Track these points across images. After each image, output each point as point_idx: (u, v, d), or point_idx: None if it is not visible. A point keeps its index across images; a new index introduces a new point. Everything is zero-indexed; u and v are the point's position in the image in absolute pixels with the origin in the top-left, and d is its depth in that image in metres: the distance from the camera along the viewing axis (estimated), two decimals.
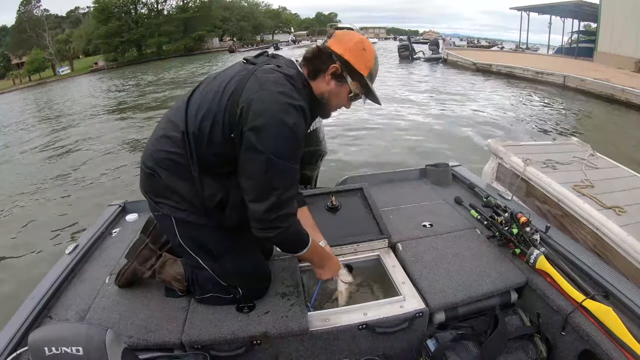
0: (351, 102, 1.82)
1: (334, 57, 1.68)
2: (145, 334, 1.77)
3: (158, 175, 1.71)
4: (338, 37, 1.72)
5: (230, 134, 1.59)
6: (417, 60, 27.00)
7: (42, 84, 39.29)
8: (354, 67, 1.68)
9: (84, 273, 2.26)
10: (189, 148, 1.65)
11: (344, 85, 1.73)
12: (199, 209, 1.74)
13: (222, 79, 1.69)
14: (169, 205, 1.75)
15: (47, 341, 1.12)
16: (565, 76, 14.78)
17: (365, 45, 1.71)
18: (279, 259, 2.23)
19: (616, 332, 1.57)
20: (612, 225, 2.47)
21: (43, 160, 10.05)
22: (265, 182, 1.57)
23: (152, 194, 1.78)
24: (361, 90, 1.76)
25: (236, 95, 1.57)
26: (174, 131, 1.68)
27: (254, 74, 1.61)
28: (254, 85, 1.57)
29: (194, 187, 1.70)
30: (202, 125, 1.62)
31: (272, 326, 1.79)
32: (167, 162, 1.70)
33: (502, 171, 3.57)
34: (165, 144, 1.70)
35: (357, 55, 1.68)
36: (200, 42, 61.06)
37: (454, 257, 2.19)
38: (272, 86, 1.57)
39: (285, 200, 1.61)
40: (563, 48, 27.66)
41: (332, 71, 1.69)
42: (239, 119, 1.55)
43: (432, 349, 1.83)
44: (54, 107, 20.51)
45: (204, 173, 1.69)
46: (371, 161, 7.54)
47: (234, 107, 1.56)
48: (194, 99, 1.71)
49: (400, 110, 11.96)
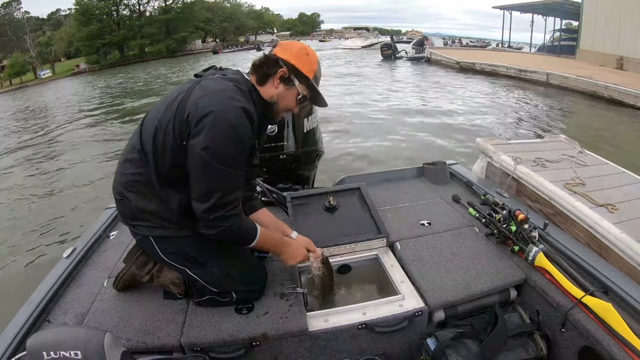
0: (299, 105, 1.90)
1: (280, 62, 1.78)
2: (144, 337, 1.76)
3: (127, 200, 1.77)
4: (283, 46, 1.85)
5: (182, 142, 1.63)
6: (400, 59, 27.08)
7: (23, 88, 38.62)
8: (299, 70, 1.79)
9: (82, 277, 2.24)
10: (147, 164, 1.70)
11: (292, 88, 1.83)
12: (171, 223, 1.77)
13: (171, 94, 1.77)
14: (145, 225, 1.79)
15: (45, 345, 1.10)
16: (549, 74, 14.96)
17: (309, 51, 1.84)
18: (277, 260, 2.20)
19: (616, 328, 1.58)
20: (606, 223, 2.49)
21: (34, 164, 9.91)
22: (206, 184, 1.64)
23: (128, 219, 1.83)
24: (308, 92, 1.87)
25: (183, 103, 1.64)
26: (133, 153, 1.74)
27: (199, 84, 1.70)
28: (199, 92, 1.65)
29: (159, 202, 1.74)
30: (155, 138, 1.68)
31: (271, 327, 1.78)
32: (132, 184, 1.75)
33: (491, 170, 3.57)
34: (129, 167, 1.76)
35: (302, 59, 1.80)
36: (183, 43, 60.44)
37: (453, 255, 2.19)
38: (216, 90, 1.64)
39: (225, 203, 1.66)
40: (545, 46, 28.04)
41: (280, 75, 1.78)
42: (186, 124, 1.60)
43: (432, 347, 1.82)
44: (36, 111, 20.18)
45: (167, 186, 1.73)
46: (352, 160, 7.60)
47: (182, 115, 1.62)
48: (147, 119, 1.78)
49: (380, 110, 12.09)
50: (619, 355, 1.52)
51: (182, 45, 60.46)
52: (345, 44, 48.73)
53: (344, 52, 39.19)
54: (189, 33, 60.93)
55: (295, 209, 2.60)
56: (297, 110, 1.94)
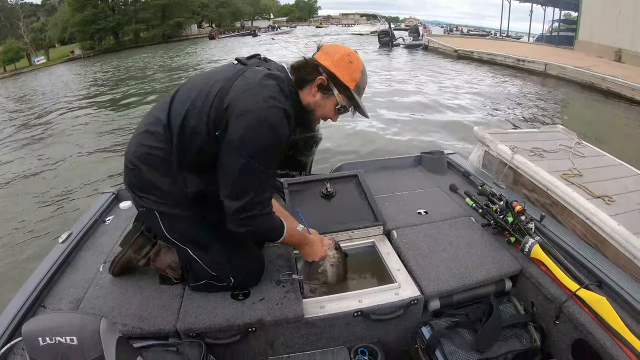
0: (338, 114, 1.82)
1: (320, 69, 1.69)
2: (139, 322, 1.75)
3: (140, 170, 1.71)
4: (325, 50, 1.75)
5: (215, 132, 1.59)
6: (397, 46, 26.96)
7: (17, 75, 38.12)
8: (340, 79, 1.69)
9: (78, 262, 2.23)
10: (170, 143, 1.65)
11: (330, 98, 1.74)
12: (181, 203, 1.74)
13: (210, 76, 1.70)
14: (152, 200, 1.74)
15: (40, 331, 1.09)
16: (547, 64, 14.94)
17: (352, 59, 1.72)
18: (273, 246, 2.20)
19: (610, 322, 1.58)
20: (603, 215, 2.49)
21: (28, 150, 9.82)
22: (240, 184, 1.59)
23: (135, 189, 1.77)
24: (348, 103, 1.77)
25: (223, 93, 1.58)
26: (157, 126, 1.68)
27: (243, 74, 1.63)
28: (241, 84, 1.59)
29: (174, 182, 1.70)
30: (185, 120, 1.62)
31: (267, 313, 1.78)
32: (148, 157, 1.69)
33: (488, 159, 3.57)
34: (147, 139, 1.70)
35: (343, 68, 1.69)
36: (178, 29, 59.82)
37: (449, 244, 2.19)
38: (259, 86, 1.58)
39: (257, 202, 1.63)
40: (544, 36, 27.90)
41: (319, 82, 1.70)
42: (224, 116, 1.56)
43: (427, 336, 1.84)
44: (32, 97, 19.95)
45: (185, 168, 1.69)
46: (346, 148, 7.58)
47: (221, 105, 1.57)
48: (180, 95, 1.71)
49: (377, 96, 12.02)
50: (612, 349, 1.53)
51: (177, 31, 59.89)
52: (354, 29, 49.68)
53: (349, 37, 39.11)
54: (185, 18, 60.37)
55: (292, 195, 2.59)
56: (336, 120, 1.86)
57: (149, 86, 18.26)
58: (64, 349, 1.09)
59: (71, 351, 1.10)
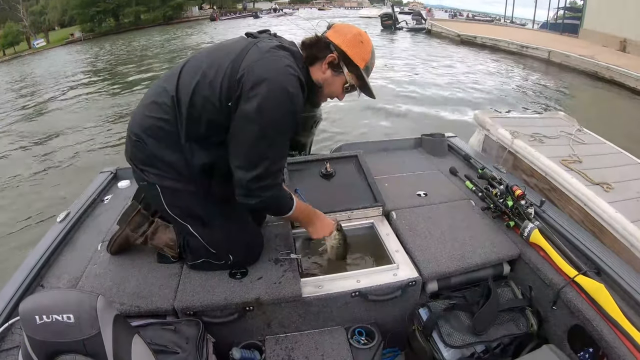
0: (345, 93, 1.83)
1: (331, 47, 1.70)
2: (137, 301, 1.75)
3: (144, 143, 1.68)
4: (337, 29, 1.75)
5: (228, 102, 1.57)
6: (400, 30, 26.74)
7: (17, 58, 37.72)
8: (350, 58, 1.70)
9: (76, 241, 2.22)
10: (178, 114, 1.63)
11: (339, 76, 1.74)
12: (185, 177, 1.72)
13: (221, 48, 1.69)
14: (155, 173, 1.72)
15: (38, 309, 1.08)
16: (550, 51, 14.81)
17: (363, 39, 1.73)
18: (272, 225, 2.20)
19: (607, 309, 1.58)
20: (601, 202, 2.49)
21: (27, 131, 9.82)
22: (257, 151, 1.58)
23: (138, 162, 1.74)
24: (357, 82, 1.78)
25: (236, 63, 1.56)
26: (164, 97, 1.65)
27: (256, 44, 1.63)
28: (255, 55, 1.57)
29: (181, 155, 1.68)
30: (195, 92, 1.60)
31: (264, 292, 1.78)
32: (154, 129, 1.67)
33: (488, 143, 3.57)
34: (154, 110, 1.67)
35: (355, 47, 1.70)
36: (179, 10, 58.71)
37: (448, 227, 2.19)
38: (274, 55, 1.58)
39: (272, 171, 1.62)
40: (548, 23, 27.63)
41: (330, 60, 1.70)
42: (238, 86, 1.53)
43: (425, 317, 1.84)
44: (32, 80, 19.87)
45: (192, 140, 1.67)
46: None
47: (234, 75, 1.55)
48: (189, 66, 1.68)
49: (379, 79, 11.95)
50: (609, 336, 1.53)
51: (178, 13, 58.74)
52: (362, 12, 49.55)
53: (356, 20, 38.79)
54: (186, 0, 59.70)
55: (291, 175, 2.58)
56: (343, 98, 1.87)
57: (149, 68, 18.15)
58: (61, 326, 1.08)
59: (68, 329, 1.09)
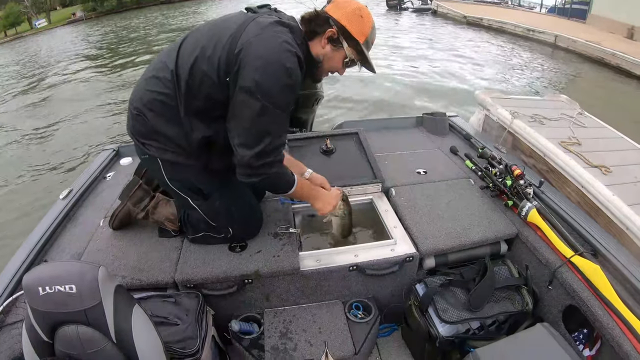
0: (345, 68, 1.81)
1: (331, 21, 1.67)
2: (138, 274, 1.78)
3: (145, 117, 1.68)
4: (336, 3, 1.72)
5: (226, 77, 1.56)
6: (406, 10, 26.35)
7: (18, 39, 37.13)
8: (350, 32, 1.67)
9: (79, 217, 2.25)
10: (178, 88, 1.62)
11: (339, 50, 1.72)
12: (186, 151, 1.72)
13: (219, 23, 1.67)
14: (156, 147, 1.72)
15: (41, 281, 1.10)
16: (557, 35, 14.59)
17: (363, 13, 1.70)
18: (272, 200, 2.21)
19: (602, 291, 1.60)
20: (598, 184, 2.50)
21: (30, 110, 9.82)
22: (258, 128, 1.56)
23: (139, 136, 1.74)
24: (357, 57, 1.75)
25: (235, 38, 1.55)
26: (164, 72, 1.64)
27: (255, 20, 1.60)
28: (254, 30, 1.55)
29: (181, 129, 1.67)
30: (194, 66, 1.58)
31: (263, 265, 1.80)
32: (155, 104, 1.66)
33: (488, 123, 3.55)
34: (154, 84, 1.66)
35: (354, 21, 1.67)
36: None
37: (447, 204, 2.20)
38: (273, 31, 1.56)
39: (274, 147, 1.61)
40: (556, 7, 27.33)
41: (329, 35, 1.68)
42: (236, 61, 1.52)
43: (421, 293, 1.87)
44: (32, 61, 19.62)
45: (192, 115, 1.66)
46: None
47: (232, 50, 1.53)
48: (188, 41, 1.67)
49: (386, 59, 11.87)
50: (603, 317, 1.55)
51: None
52: None
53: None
54: None
55: (292, 151, 2.57)
56: (343, 73, 1.85)
57: (150, 46, 18.01)
58: (64, 297, 1.10)
59: (70, 299, 1.11)
